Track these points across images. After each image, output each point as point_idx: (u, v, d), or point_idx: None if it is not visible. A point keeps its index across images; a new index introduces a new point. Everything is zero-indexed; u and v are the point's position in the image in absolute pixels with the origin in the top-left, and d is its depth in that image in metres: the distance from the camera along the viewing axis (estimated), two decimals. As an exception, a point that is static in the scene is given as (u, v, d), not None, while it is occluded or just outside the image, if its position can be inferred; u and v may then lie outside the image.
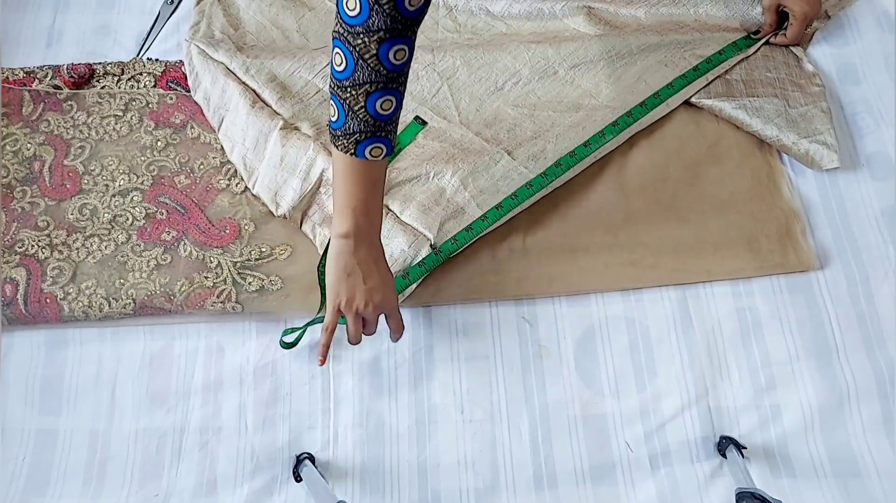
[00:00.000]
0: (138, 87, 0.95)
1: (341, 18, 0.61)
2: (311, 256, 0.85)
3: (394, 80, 0.64)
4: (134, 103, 0.94)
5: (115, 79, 0.96)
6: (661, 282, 0.84)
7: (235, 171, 0.90)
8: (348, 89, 0.64)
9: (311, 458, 0.77)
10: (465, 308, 0.84)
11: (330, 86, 0.66)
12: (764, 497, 0.63)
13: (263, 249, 0.86)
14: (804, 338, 0.81)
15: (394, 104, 0.66)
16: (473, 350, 0.82)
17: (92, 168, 0.90)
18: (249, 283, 0.83)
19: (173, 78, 0.96)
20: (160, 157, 0.91)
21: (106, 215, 0.88)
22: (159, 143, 0.92)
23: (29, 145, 0.92)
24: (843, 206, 0.88)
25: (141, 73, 0.96)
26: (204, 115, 0.93)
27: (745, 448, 0.76)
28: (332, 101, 0.66)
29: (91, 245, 0.86)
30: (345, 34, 0.61)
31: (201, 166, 0.90)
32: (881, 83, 0.94)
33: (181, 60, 0.97)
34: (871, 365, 0.80)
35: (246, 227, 0.87)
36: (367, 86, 0.63)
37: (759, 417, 0.78)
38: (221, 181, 0.89)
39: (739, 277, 0.84)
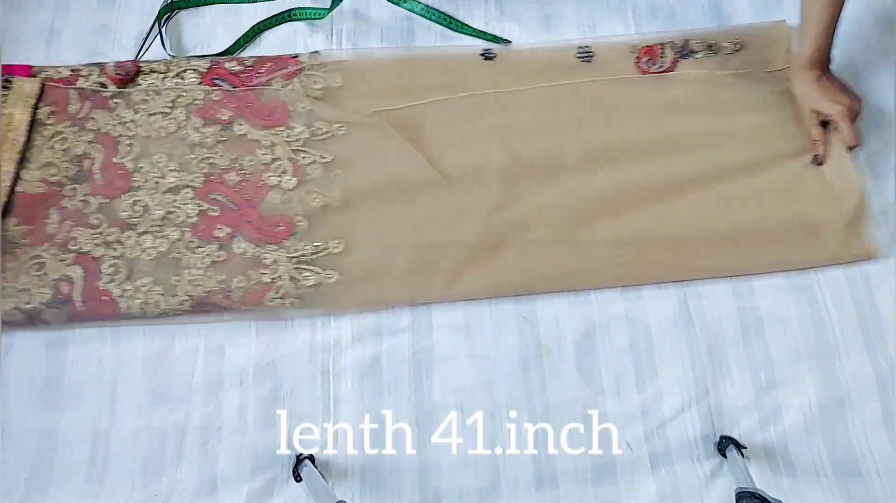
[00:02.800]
0: (184, 84, 0.95)
1: None
2: (365, 249, 0.85)
3: None
4: (180, 100, 0.94)
5: (161, 76, 0.96)
6: (713, 275, 0.84)
7: (286, 168, 0.90)
8: None
9: (311, 458, 0.77)
10: (465, 307, 0.84)
11: None
12: (764, 497, 0.63)
13: (318, 244, 0.86)
14: (805, 338, 0.81)
15: None
16: (473, 349, 0.82)
17: (141, 165, 0.90)
18: (306, 278, 0.84)
19: (218, 74, 0.96)
20: (209, 154, 0.91)
21: (158, 212, 0.88)
22: (208, 141, 0.91)
23: (78, 143, 0.92)
24: (844, 206, 0.88)
25: (186, 70, 0.96)
26: (251, 113, 0.93)
27: (746, 447, 0.76)
28: None
29: (144, 242, 0.86)
30: None
31: (251, 163, 0.90)
32: (881, 82, 0.94)
33: (226, 56, 0.97)
34: (871, 364, 0.80)
35: (299, 223, 0.87)
36: None
37: (759, 417, 0.78)
38: (272, 178, 0.89)
39: (803, 268, 0.84)
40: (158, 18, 1.00)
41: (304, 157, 0.90)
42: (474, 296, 0.84)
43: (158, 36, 1.00)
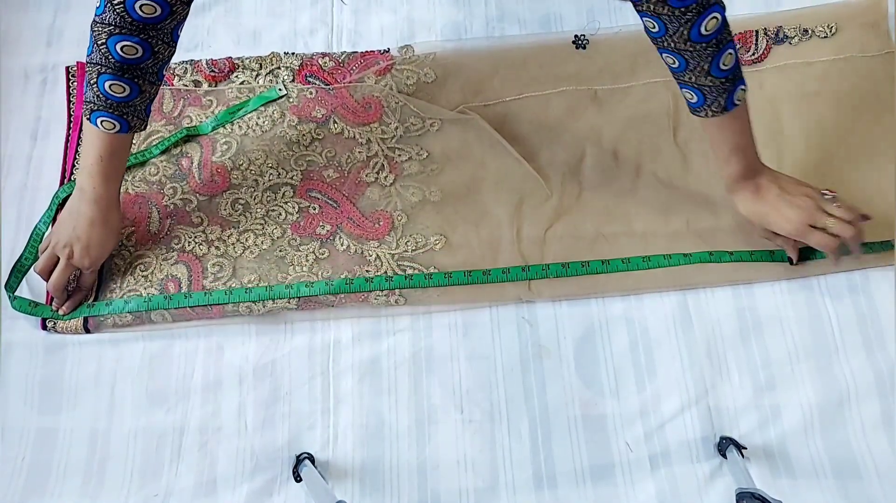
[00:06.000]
0: (277, 82, 0.95)
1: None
2: (466, 246, 0.86)
3: (125, 70, 0.73)
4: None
5: (254, 73, 0.96)
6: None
7: (383, 164, 0.90)
8: (87, 65, 0.74)
9: (311, 458, 0.77)
10: (466, 308, 0.84)
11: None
12: (764, 497, 0.63)
13: (419, 240, 0.86)
14: (804, 338, 0.81)
15: (126, 90, 0.74)
16: (473, 350, 0.82)
17: (240, 163, 0.90)
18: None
19: (311, 72, 0.96)
20: (307, 152, 0.91)
21: (259, 210, 0.88)
22: (305, 139, 0.91)
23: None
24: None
25: (279, 68, 0.96)
26: (345, 110, 0.93)
27: (745, 448, 0.76)
28: None
29: (246, 240, 0.86)
30: (92, 21, 0.72)
31: (348, 160, 0.90)
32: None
33: (319, 52, 0.97)
34: (870, 365, 0.80)
35: (399, 219, 0.87)
36: (99, 67, 0.73)
37: (758, 417, 0.78)
38: (370, 174, 0.90)
39: None
40: None
41: (399, 154, 0.91)
42: (575, 295, 0.84)
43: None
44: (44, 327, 0.83)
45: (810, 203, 0.78)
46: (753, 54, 0.96)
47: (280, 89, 0.93)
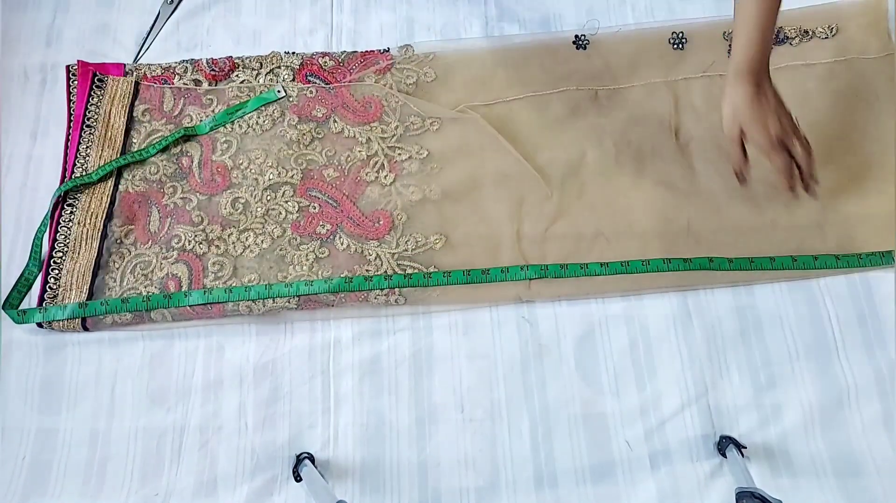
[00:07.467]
0: (277, 82, 0.95)
1: None
2: (466, 245, 0.86)
3: None
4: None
5: (254, 73, 0.96)
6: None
7: (383, 163, 0.90)
8: None
9: (311, 458, 0.77)
10: (466, 307, 0.84)
11: None
12: (764, 496, 0.63)
13: (419, 239, 0.86)
14: (804, 337, 0.81)
15: None
16: (474, 349, 0.82)
17: (240, 162, 0.91)
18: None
19: (311, 71, 0.96)
20: (307, 151, 0.91)
21: (259, 209, 0.88)
22: (305, 138, 0.92)
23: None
24: (843, 206, 0.88)
25: (279, 67, 0.96)
26: (345, 109, 0.93)
27: (745, 447, 0.76)
28: None
29: (246, 239, 0.86)
30: None
31: (348, 159, 0.90)
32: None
33: (319, 52, 0.97)
34: (870, 364, 0.80)
35: (399, 218, 0.87)
36: None
37: (759, 416, 0.78)
38: (370, 173, 0.90)
39: None
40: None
41: (399, 153, 0.91)
42: (574, 295, 0.84)
43: (157, 35, 1.00)
44: (40, 325, 0.83)
45: (789, 123, 0.78)
46: None
47: (279, 91, 0.94)
